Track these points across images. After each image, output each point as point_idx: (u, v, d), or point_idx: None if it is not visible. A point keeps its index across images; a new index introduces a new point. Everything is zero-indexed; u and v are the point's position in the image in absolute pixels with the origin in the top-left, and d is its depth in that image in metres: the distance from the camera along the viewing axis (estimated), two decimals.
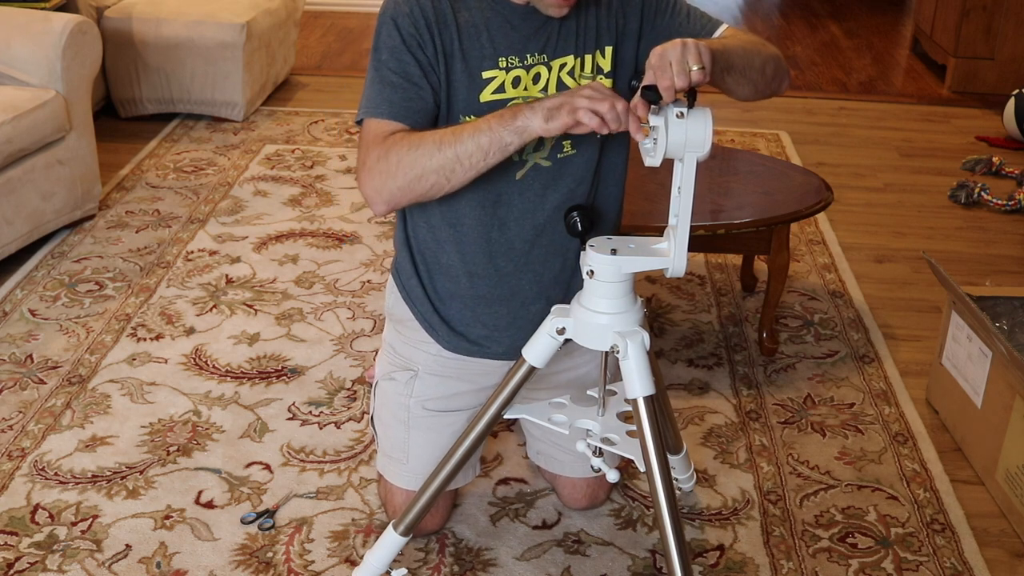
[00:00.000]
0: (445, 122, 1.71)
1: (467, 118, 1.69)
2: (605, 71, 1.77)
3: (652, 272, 1.60)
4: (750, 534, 2.05)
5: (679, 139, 1.47)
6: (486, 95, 1.69)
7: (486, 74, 1.69)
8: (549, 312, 1.67)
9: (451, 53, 1.68)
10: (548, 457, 2.08)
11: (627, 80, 1.79)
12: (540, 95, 1.71)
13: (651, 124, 1.49)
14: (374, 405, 2.03)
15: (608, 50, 1.76)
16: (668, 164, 1.55)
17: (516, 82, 1.70)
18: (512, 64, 1.70)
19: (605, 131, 1.51)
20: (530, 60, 1.71)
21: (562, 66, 1.73)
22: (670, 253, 1.57)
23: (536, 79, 1.72)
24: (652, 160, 1.51)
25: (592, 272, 1.58)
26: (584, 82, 1.74)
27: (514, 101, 1.69)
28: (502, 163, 1.69)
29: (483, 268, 1.81)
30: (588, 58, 1.75)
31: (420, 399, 1.92)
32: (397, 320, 1.95)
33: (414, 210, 1.82)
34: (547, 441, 2.05)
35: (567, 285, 1.84)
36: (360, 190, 1.68)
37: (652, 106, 1.49)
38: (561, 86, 1.73)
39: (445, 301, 1.86)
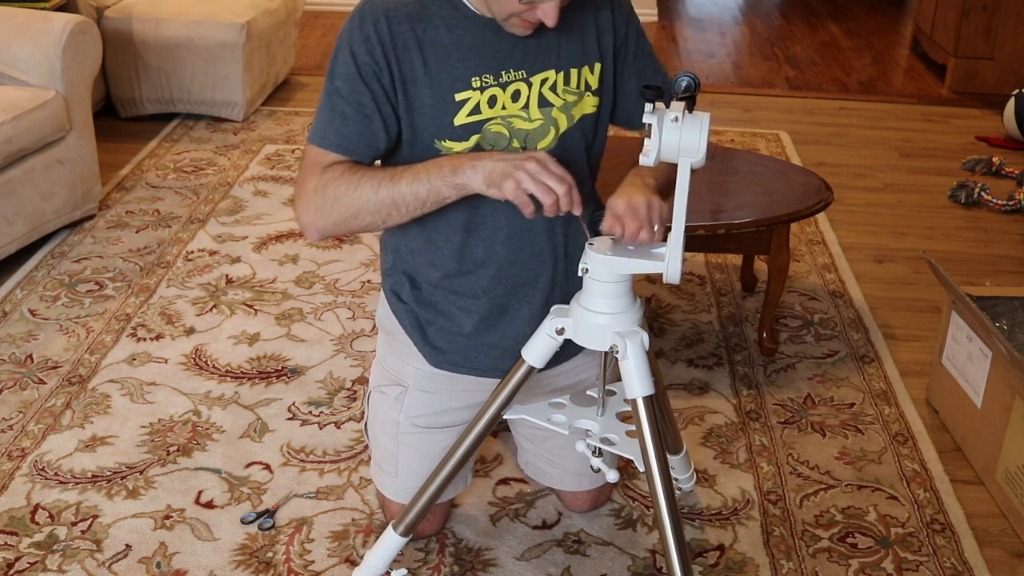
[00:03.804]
0: (410, 148, 1.67)
1: (441, 142, 1.65)
2: (593, 88, 1.74)
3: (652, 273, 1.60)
4: (750, 534, 2.05)
5: (672, 143, 1.47)
6: (460, 118, 1.64)
7: (459, 96, 1.64)
8: (532, 332, 1.66)
9: (413, 79, 1.63)
10: (536, 468, 2.08)
11: (610, 102, 1.79)
12: (521, 113, 1.67)
13: (645, 123, 1.49)
14: (367, 413, 2.03)
15: (597, 67, 1.74)
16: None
17: (492, 102, 1.65)
18: (487, 83, 1.64)
19: (551, 213, 1.53)
20: (507, 77, 1.66)
21: (543, 81, 1.68)
22: (665, 258, 1.56)
23: (515, 97, 1.67)
24: (646, 160, 1.51)
25: (587, 270, 1.58)
26: (570, 98, 1.71)
27: (492, 121, 1.65)
28: None
29: (469, 288, 1.77)
30: (574, 72, 1.71)
31: (410, 416, 1.90)
32: (388, 332, 1.93)
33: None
34: (537, 455, 2.05)
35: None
36: (296, 215, 1.69)
37: (648, 105, 1.49)
38: (543, 102, 1.68)
39: (428, 310, 1.83)
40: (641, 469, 1.60)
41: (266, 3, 4.25)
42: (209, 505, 2.08)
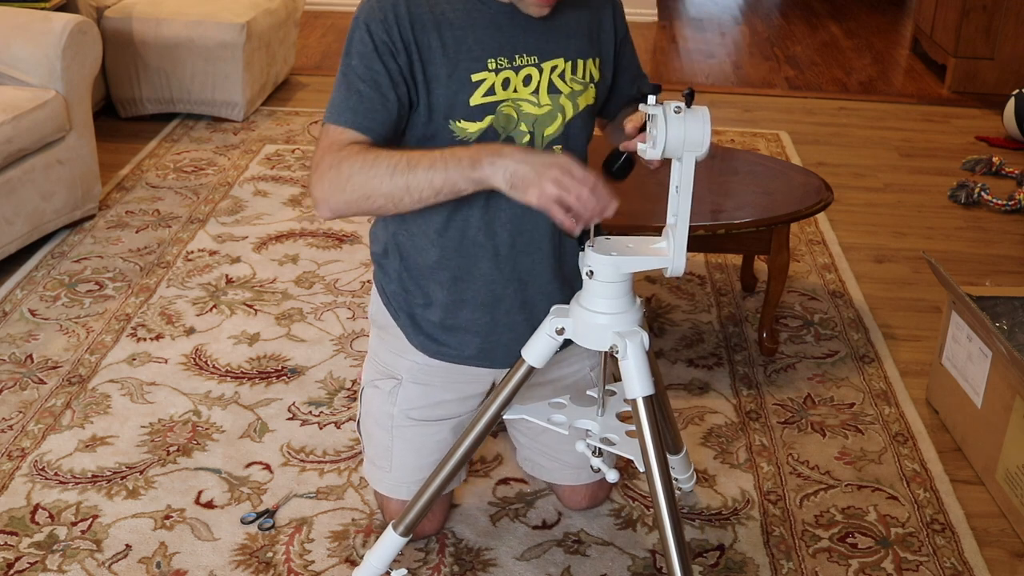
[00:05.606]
0: (424, 127, 1.68)
1: (455, 122, 1.66)
2: (596, 80, 1.79)
3: (652, 272, 1.61)
4: (750, 534, 2.05)
5: (677, 137, 1.48)
6: (476, 98, 1.67)
7: (475, 77, 1.66)
8: (530, 321, 1.66)
9: (431, 58, 1.64)
10: (534, 464, 2.08)
11: (604, 97, 1.85)
12: (531, 98, 1.70)
13: (649, 114, 1.50)
14: (360, 410, 2.03)
15: (598, 62, 1.79)
16: (667, 163, 1.56)
17: (506, 84, 1.68)
18: (501, 65, 1.67)
19: (577, 226, 1.50)
20: (519, 61, 1.69)
21: (553, 68, 1.72)
22: (669, 252, 1.57)
23: (527, 81, 1.70)
24: (653, 152, 1.51)
25: (592, 272, 1.58)
26: (577, 87, 1.74)
27: (504, 104, 1.68)
28: None
29: (467, 272, 1.78)
30: (580, 63, 1.75)
31: (404, 408, 1.90)
32: (380, 327, 1.93)
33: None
34: (533, 449, 2.05)
35: (554, 296, 1.79)
36: (309, 191, 1.65)
37: (651, 98, 1.50)
38: (552, 89, 1.71)
39: (426, 304, 1.83)
40: (641, 469, 1.60)
41: (266, 3, 4.25)
42: (209, 505, 2.08)
